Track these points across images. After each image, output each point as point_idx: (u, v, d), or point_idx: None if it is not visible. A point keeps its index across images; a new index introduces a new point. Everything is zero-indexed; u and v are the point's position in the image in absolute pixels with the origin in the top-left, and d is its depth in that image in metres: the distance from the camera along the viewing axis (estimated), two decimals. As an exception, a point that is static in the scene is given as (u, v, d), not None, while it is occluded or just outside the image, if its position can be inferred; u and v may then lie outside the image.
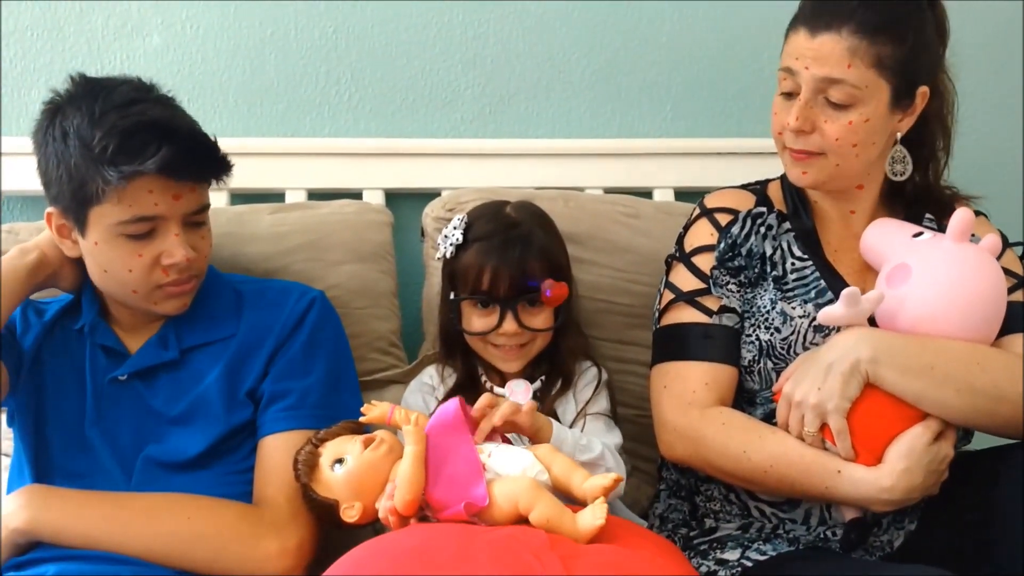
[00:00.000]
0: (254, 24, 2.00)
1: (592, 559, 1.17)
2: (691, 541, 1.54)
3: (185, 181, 1.40)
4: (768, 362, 1.51)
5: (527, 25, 2.07)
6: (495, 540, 1.18)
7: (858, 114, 1.44)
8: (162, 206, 1.39)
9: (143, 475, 1.45)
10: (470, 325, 1.54)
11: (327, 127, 2.03)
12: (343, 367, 1.59)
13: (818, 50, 1.44)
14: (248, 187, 1.93)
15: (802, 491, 1.43)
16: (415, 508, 1.29)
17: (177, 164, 1.37)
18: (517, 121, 2.08)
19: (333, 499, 1.35)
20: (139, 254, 1.41)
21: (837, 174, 1.50)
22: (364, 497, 1.35)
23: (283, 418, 1.48)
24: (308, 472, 1.38)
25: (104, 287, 1.48)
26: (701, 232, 1.59)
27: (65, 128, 1.39)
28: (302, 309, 1.56)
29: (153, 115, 1.40)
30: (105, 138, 1.36)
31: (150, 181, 1.37)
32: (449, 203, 1.83)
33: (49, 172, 1.42)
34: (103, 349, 1.51)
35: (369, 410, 1.37)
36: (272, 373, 1.50)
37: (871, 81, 1.44)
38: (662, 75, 2.11)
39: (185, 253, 1.42)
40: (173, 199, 1.40)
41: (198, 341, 1.52)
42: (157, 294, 1.45)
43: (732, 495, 1.54)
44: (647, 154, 2.06)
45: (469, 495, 1.27)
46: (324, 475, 1.36)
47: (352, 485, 1.35)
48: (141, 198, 1.38)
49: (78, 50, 1.97)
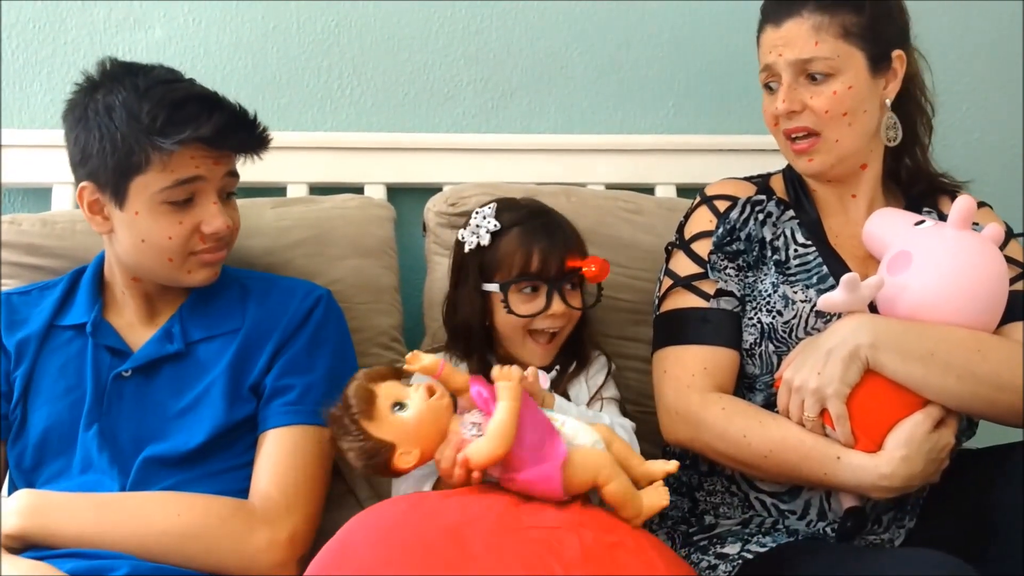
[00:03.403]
0: (256, 18, 2.00)
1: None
2: (691, 537, 1.54)
3: (227, 151, 1.47)
4: (770, 345, 1.52)
5: (529, 20, 2.07)
6: (528, 542, 1.17)
7: (840, 83, 1.49)
8: (203, 168, 1.45)
9: (141, 473, 1.45)
10: (518, 309, 1.52)
11: (329, 121, 2.03)
12: (346, 365, 1.58)
13: (786, 36, 1.50)
14: (250, 181, 1.89)
15: (801, 477, 1.44)
16: (495, 463, 1.28)
17: (228, 131, 1.44)
18: (519, 116, 2.08)
19: (390, 442, 1.32)
20: (180, 221, 1.45)
21: (841, 153, 1.52)
22: (424, 445, 1.32)
23: (285, 413, 1.48)
24: (364, 408, 1.32)
25: (136, 260, 1.49)
26: (700, 219, 1.61)
27: (109, 103, 1.43)
28: (308, 306, 1.56)
29: (199, 89, 1.48)
30: (155, 109, 1.41)
31: (194, 149, 1.43)
32: (451, 198, 1.83)
33: (89, 147, 1.45)
34: (107, 349, 1.51)
35: (415, 360, 1.34)
36: (276, 368, 1.51)
37: (843, 51, 1.49)
38: (664, 71, 2.12)
39: (225, 221, 1.47)
40: (214, 164, 1.46)
41: (203, 334, 1.52)
42: (192, 261, 1.48)
43: (734, 486, 1.54)
44: (649, 150, 2.06)
45: (553, 453, 1.27)
46: (383, 415, 1.32)
47: (416, 430, 1.32)
48: (184, 163, 1.43)
49: (80, 43, 1.97)
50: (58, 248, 1.70)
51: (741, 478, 1.53)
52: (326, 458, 1.50)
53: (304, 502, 1.44)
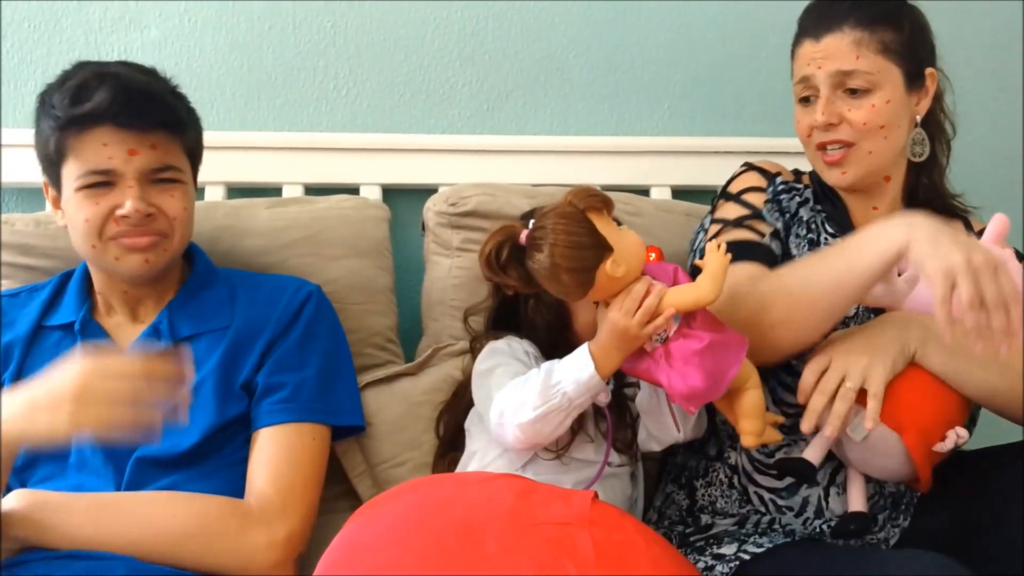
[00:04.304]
0: (252, 18, 2.00)
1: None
2: (687, 538, 1.55)
3: (131, 130, 1.43)
4: None
5: (525, 22, 2.07)
6: (542, 541, 1.16)
7: (878, 98, 1.50)
8: (116, 160, 1.43)
9: (135, 475, 1.44)
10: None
11: (324, 122, 2.02)
12: (339, 361, 1.59)
13: (826, 50, 1.51)
14: (245, 181, 1.93)
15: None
16: (693, 308, 1.30)
17: (115, 108, 1.41)
18: (515, 118, 2.08)
19: (610, 244, 1.32)
20: (96, 203, 1.44)
21: (872, 165, 1.54)
22: (633, 267, 1.33)
23: (278, 411, 1.48)
24: (599, 205, 1.33)
25: (79, 251, 1.50)
26: (749, 178, 1.64)
27: (43, 99, 1.47)
28: (299, 302, 1.56)
29: (106, 69, 1.46)
30: (61, 94, 1.43)
31: (104, 134, 1.42)
32: (451, 197, 1.83)
33: (36, 144, 1.49)
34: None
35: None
36: (267, 365, 1.50)
37: (882, 66, 1.50)
38: (660, 73, 2.12)
39: (135, 205, 1.43)
40: (128, 154, 1.43)
41: (192, 331, 1.52)
42: (113, 247, 1.46)
43: (735, 478, 1.55)
44: (645, 152, 2.06)
45: (738, 337, 1.32)
46: (609, 221, 1.34)
47: (632, 250, 1.33)
48: (96, 151, 1.42)
49: (75, 42, 1.96)
50: (51, 249, 1.70)
51: (742, 471, 1.54)
52: (321, 455, 1.50)
53: (300, 501, 1.44)
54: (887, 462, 1.42)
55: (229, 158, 1.92)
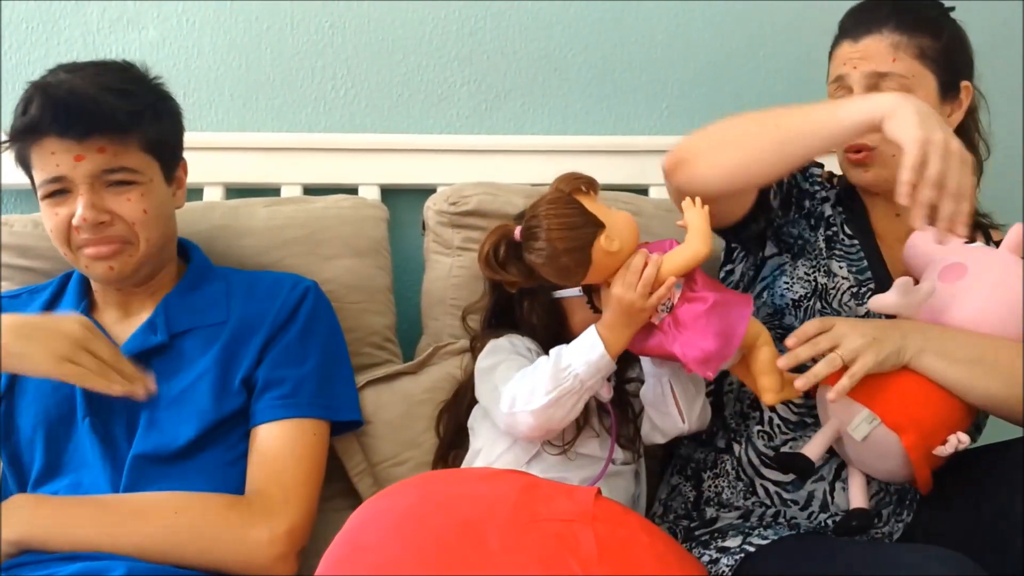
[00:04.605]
0: (250, 18, 2.00)
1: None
2: (692, 532, 1.54)
3: (71, 137, 1.42)
4: (817, 303, 1.54)
5: (523, 22, 2.07)
6: (545, 537, 1.16)
7: None
8: (64, 167, 1.42)
9: (133, 470, 1.44)
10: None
11: (322, 122, 2.02)
12: (338, 356, 1.59)
13: (863, 51, 1.53)
14: (243, 181, 1.93)
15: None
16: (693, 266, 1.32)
17: (48, 119, 1.41)
18: (513, 118, 2.08)
19: (601, 222, 1.35)
20: (55, 212, 1.45)
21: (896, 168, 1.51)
22: (627, 241, 1.35)
23: (278, 407, 1.49)
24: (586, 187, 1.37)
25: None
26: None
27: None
28: (296, 298, 1.56)
29: (48, 80, 1.45)
30: (14, 110, 1.45)
31: (50, 143, 1.42)
32: (451, 197, 1.83)
33: None
34: None
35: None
36: (267, 361, 1.50)
37: (917, 71, 1.52)
38: (658, 73, 2.12)
39: (83, 212, 1.42)
40: (75, 160, 1.42)
41: (187, 326, 1.52)
42: (81, 256, 1.47)
43: (742, 470, 1.55)
44: (643, 151, 2.05)
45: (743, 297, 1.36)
46: (596, 202, 1.37)
47: (624, 226, 1.36)
48: (46, 160, 1.43)
49: (73, 43, 1.96)
50: (50, 250, 1.67)
51: (749, 463, 1.54)
52: (322, 451, 1.50)
53: (301, 496, 1.44)
54: (886, 462, 1.43)
55: (227, 159, 1.92)
